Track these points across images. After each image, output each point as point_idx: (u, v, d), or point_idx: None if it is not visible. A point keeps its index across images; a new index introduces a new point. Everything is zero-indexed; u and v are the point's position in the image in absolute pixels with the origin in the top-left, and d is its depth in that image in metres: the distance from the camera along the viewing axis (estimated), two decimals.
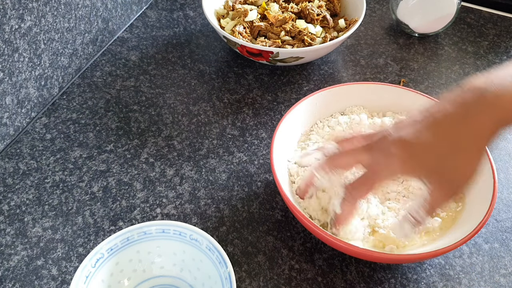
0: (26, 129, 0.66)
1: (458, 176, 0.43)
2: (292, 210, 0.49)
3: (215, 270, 0.45)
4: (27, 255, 0.53)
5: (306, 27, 0.73)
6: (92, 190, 0.59)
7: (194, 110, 0.69)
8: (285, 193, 0.50)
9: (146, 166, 0.62)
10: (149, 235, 0.47)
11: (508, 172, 0.62)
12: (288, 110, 0.58)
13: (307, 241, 0.55)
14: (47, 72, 0.67)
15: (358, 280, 0.52)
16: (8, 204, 0.57)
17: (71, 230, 0.55)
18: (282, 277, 0.52)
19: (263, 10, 0.76)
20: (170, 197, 0.59)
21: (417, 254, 0.47)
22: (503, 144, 0.66)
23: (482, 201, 0.50)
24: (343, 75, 0.75)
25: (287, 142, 0.57)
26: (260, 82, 0.74)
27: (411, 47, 0.81)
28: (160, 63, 0.76)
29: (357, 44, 0.81)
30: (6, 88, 0.60)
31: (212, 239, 0.45)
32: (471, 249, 0.55)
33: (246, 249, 0.54)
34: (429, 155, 0.43)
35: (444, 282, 0.52)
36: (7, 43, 0.58)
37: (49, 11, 0.64)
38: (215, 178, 0.61)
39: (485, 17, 0.87)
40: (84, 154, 0.63)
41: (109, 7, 0.77)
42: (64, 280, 0.51)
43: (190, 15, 0.86)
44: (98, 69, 0.75)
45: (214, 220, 0.56)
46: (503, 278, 0.52)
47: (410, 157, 0.43)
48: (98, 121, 0.67)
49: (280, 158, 0.55)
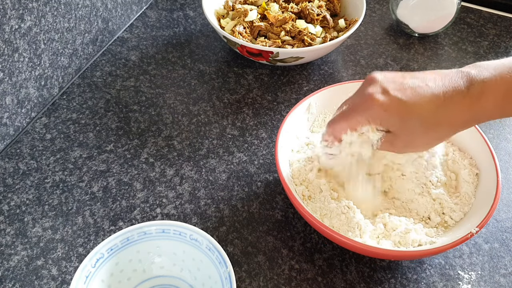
0: (26, 129, 0.66)
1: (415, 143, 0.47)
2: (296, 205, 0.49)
3: (215, 270, 0.45)
4: (27, 255, 0.53)
5: (306, 27, 0.73)
6: (92, 190, 0.59)
7: (194, 110, 0.69)
8: (288, 185, 0.50)
9: (146, 166, 0.62)
10: (149, 235, 0.47)
11: (508, 172, 0.62)
12: (293, 107, 0.58)
13: (307, 241, 0.55)
14: (47, 72, 0.67)
15: (358, 280, 0.52)
16: (8, 204, 0.57)
17: (71, 230, 0.55)
18: (282, 277, 0.52)
19: (263, 10, 0.76)
20: (170, 197, 0.59)
21: (417, 251, 0.47)
22: (503, 144, 0.66)
23: (484, 201, 0.50)
24: (343, 75, 0.75)
25: (290, 140, 0.58)
26: (260, 82, 0.74)
27: (411, 47, 0.81)
28: (160, 63, 0.76)
29: (357, 44, 0.81)
30: (6, 88, 0.60)
31: (212, 239, 0.45)
32: (471, 249, 0.55)
33: (246, 249, 0.54)
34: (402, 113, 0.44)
35: (444, 282, 0.52)
36: (7, 43, 0.58)
37: (49, 11, 0.64)
38: (215, 178, 0.61)
39: (485, 17, 0.87)
40: (84, 154, 0.63)
41: (109, 7, 0.77)
42: (64, 280, 0.51)
43: (190, 15, 0.86)
44: (98, 69, 0.75)
45: (214, 220, 0.56)
46: (503, 278, 0.52)
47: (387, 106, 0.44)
48: (98, 121, 0.67)
49: (284, 154, 0.55)
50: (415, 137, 0.46)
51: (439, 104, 0.43)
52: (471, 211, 0.52)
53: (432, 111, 0.43)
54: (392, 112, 0.44)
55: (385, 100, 0.44)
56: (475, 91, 0.42)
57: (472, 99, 0.42)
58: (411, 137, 0.46)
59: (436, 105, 0.43)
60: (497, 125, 0.68)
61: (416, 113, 0.44)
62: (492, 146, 0.54)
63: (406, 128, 0.45)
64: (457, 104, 0.43)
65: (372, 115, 0.45)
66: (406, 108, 0.44)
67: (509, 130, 0.68)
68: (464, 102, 0.43)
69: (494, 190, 0.50)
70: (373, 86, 0.45)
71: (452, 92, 0.43)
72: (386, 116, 0.45)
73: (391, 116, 0.44)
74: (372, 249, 0.47)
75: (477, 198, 0.52)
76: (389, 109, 0.44)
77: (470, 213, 0.51)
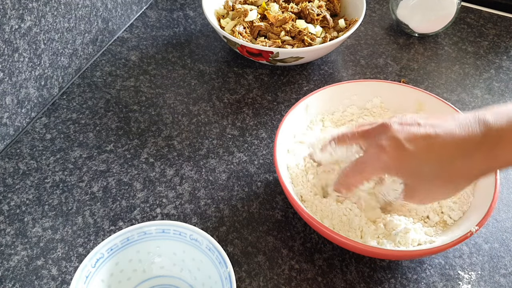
0: (26, 129, 0.66)
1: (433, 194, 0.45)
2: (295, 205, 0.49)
3: (215, 270, 0.45)
4: (27, 255, 0.53)
5: (306, 27, 0.73)
6: (92, 190, 0.59)
7: (194, 110, 0.69)
8: (287, 187, 0.50)
9: (146, 166, 0.62)
10: (149, 235, 0.47)
11: (508, 172, 0.62)
12: (292, 106, 0.58)
13: (307, 241, 0.55)
14: (47, 72, 0.67)
15: (358, 280, 0.52)
16: (8, 204, 0.57)
17: (71, 230, 0.55)
18: (282, 277, 0.52)
19: (263, 10, 0.76)
20: (170, 197, 0.59)
21: (417, 251, 0.47)
22: None
23: (482, 201, 0.50)
24: (343, 75, 0.75)
25: (289, 140, 0.58)
26: (260, 82, 0.74)
27: (411, 47, 0.81)
28: (160, 63, 0.76)
29: (357, 44, 0.81)
30: (6, 88, 0.60)
31: (212, 239, 0.45)
32: (471, 249, 0.55)
33: (246, 249, 0.54)
34: (415, 166, 0.43)
35: (444, 282, 0.52)
36: (7, 43, 0.58)
37: (49, 11, 0.64)
38: (215, 178, 0.61)
39: (485, 17, 0.87)
40: (84, 154, 0.63)
41: (109, 7, 0.77)
42: (64, 280, 0.51)
43: (190, 15, 0.86)
44: (98, 69, 0.75)
45: (214, 220, 0.56)
46: (503, 278, 0.52)
47: (399, 159, 0.43)
48: (98, 121, 0.67)
49: (282, 155, 0.55)
50: (433, 190, 0.44)
51: (455, 156, 0.41)
52: (470, 210, 0.52)
53: (447, 163, 0.42)
54: (406, 166, 0.43)
55: (398, 153, 0.43)
56: (492, 139, 0.40)
57: (489, 147, 0.40)
58: (428, 189, 0.45)
59: (451, 156, 0.42)
60: None
61: (430, 166, 0.42)
62: None
63: (422, 181, 0.44)
64: (473, 155, 0.41)
65: (386, 168, 0.44)
66: (419, 162, 0.42)
67: None
68: (481, 151, 0.41)
69: (492, 188, 0.50)
70: (386, 137, 0.44)
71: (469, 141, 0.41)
72: (400, 169, 0.44)
73: (405, 169, 0.43)
74: (372, 249, 0.47)
75: (476, 196, 0.52)
76: (403, 162, 0.43)
77: (469, 211, 0.51)
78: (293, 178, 0.55)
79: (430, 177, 0.43)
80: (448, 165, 0.42)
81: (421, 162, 0.42)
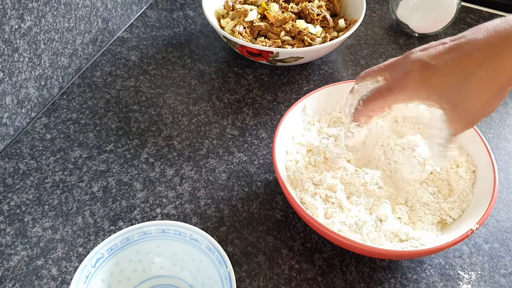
0: (26, 129, 0.66)
1: (473, 107, 0.41)
2: (293, 205, 0.49)
3: (215, 270, 0.45)
4: (27, 255, 0.53)
5: (306, 27, 0.73)
6: (92, 190, 0.59)
7: (194, 110, 0.69)
8: (287, 187, 0.50)
9: (146, 166, 0.62)
10: (149, 235, 0.47)
11: (508, 172, 0.62)
12: (291, 106, 0.58)
13: (307, 241, 0.55)
14: (47, 72, 0.67)
15: (358, 280, 0.52)
16: (8, 204, 0.57)
17: (71, 230, 0.55)
18: (282, 277, 0.52)
19: (263, 10, 0.76)
20: (170, 197, 0.59)
21: (417, 251, 0.47)
22: (503, 144, 0.66)
23: (482, 199, 0.50)
24: (343, 75, 0.75)
25: (288, 140, 0.58)
26: (260, 82, 0.74)
27: (411, 47, 0.80)
28: (160, 63, 0.76)
29: (357, 44, 0.81)
30: (6, 88, 0.60)
31: (212, 239, 0.45)
32: (471, 249, 0.55)
33: (246, 249, 0.54)
34: (445, 80, 0.41)
35: (444, 282, 0.52)
36: (7, 43, 0.58)
37: (49, 11, 0.64)
38: (215, 178, 0.61)
39: (485, 17, 0.87)
40: (84, 154, 0.63)
41: (109, 7, 0.77)
42: (64, 280, 0.51)
43: (190, 15, 0.86)
44: (98, 69, 0.75)
45: (214, 220, 0.57)
46: (503, 278, 0.52)
47: (425, 79, 0.41)
48: (98, 121, 0.67)
49: (281, 154, 0.55)
50: (474, 100, 0.41)
51: (487, 56, 0.39)
52: (469, 208, 0.52)
53: (478, 67, 0.39)
54: (436, 84, 0.41)
55: (425, 73, 0.41)
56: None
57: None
58: (470, 101, 0.41)
59: (482, 56, 0.39)
60: (497, 125, 0.68)
61: (462, 76, 0.40)
62: (492, 146, 0.54)
63: (459, 96, 0.41)
64: (505, 50, 0.39)
65: (414, 92, 0.42)
66: (450, 75, 0.40)
67: (509, 130, 0.68)
68: (509, 44, 0.38)
69: (491, 186, 0.50)
70: (411, 61, 0.42)
71: (496, 39, 0.39)
72: (431, 90, 0.41)
73: (437, 89, 0.41)
74: (372, 249, 0.47)
75: (475, 195, 0.52)
76: (432, 81, 0.40)
77: (468, 210, 0.51)
78: (293, 179, 0.55)
79: (467, 89, 0.40)
80: (477, 63, 0.40)
81: (452, 74, 0.40)
